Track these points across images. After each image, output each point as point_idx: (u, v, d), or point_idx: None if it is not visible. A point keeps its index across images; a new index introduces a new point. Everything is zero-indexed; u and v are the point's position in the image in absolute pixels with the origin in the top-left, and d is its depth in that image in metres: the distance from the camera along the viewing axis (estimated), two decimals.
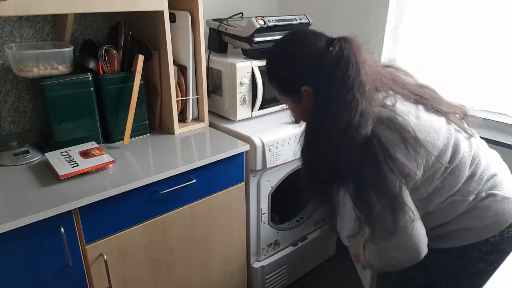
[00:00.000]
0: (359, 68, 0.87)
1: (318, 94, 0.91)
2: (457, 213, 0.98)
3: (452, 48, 1.63)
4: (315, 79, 0.91)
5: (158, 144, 1.51)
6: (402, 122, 0.89)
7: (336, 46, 0.89)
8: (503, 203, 0.96)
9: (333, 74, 0.87)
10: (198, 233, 1.48)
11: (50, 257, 1.13)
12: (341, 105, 0.86)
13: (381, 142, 0.86)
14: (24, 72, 1.30)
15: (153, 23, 1.47)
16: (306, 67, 0.92)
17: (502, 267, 0.82)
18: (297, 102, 0.97)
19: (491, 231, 0.97)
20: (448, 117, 0.98)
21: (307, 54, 0.92)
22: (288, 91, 0.99)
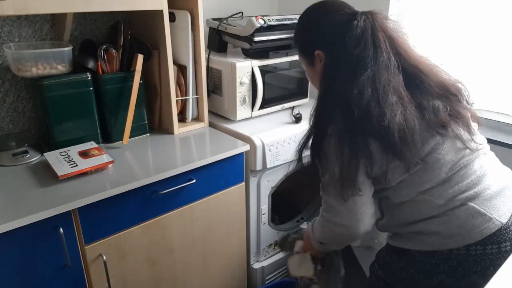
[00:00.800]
0: (379, 45, 0.91)
1: (328, 61, 0.96)
2: (426, 214, 0.96)
3: (453, 48, 1.63)
4: (330, 46, 0.96)
5: (157, 144, 1.51)
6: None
7: (359, 19, 0.93)
8: (475, 217, 0.91)
9: (348, 47, 0.91)
10: (198, 233, 1.47)
11: (49, 257, 1.12)
12: (346, 79, 0.91)
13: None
14: (23, 71, 1.30)
15: (152, 23, 1.47)
16: (325, 32, 0.97)
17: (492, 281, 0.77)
18: (310, 65, 1.04)
19: (454, 242, 0.93)
20: (442, 102, 0.96)
21: (330, 21, 0.97)
22: (304, 52, 1.05)
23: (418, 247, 0.98)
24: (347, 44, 0.92)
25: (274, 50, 1.66)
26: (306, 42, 1.04)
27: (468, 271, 0.93)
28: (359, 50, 0.90)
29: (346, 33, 0.92)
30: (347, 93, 0.91)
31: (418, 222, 0.97)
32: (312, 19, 1.02)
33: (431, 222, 0.95)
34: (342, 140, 0.93)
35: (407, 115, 0.90)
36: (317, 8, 1.03)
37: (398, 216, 1.01)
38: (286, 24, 1.63)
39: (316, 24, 1.00)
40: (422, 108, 0.94)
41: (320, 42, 0.99)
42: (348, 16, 0.95)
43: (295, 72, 1.78)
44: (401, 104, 0.90)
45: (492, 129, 1.57)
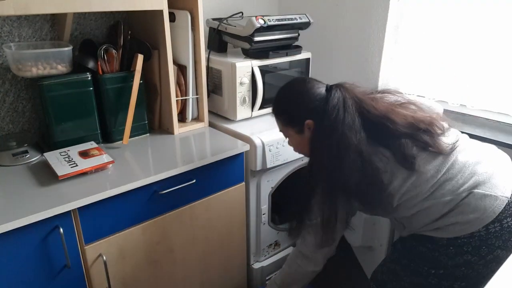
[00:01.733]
0: (347, 109, 1.06)
1: (316, 127, 1.11)
2: (439, 213, 1.06)
3: (453, 48, 1.63)
4: (317, 116, 1.09)
5: (157, 144, 1.51)
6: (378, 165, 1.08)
7: (332, 91, 1.09)
8: (483, 200, 1.03)
9: (329, 113, 1.06)
10: (198, 233, 1.47)
11: (49, 257, 1.12)
12: (336, 139, 1.05)
13: None
14: (23, 71, 1.30)
15: (152, 23, 1.47)
16: (309, 105, 1.12)
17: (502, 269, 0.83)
18: (299, 133, 1.16)
19: (474, 226, 1.03)
20: (410, 139, 1.08)
21: (312, 94, 1.12)
22: (293, 122, 1.17)
23: (442, 236, 1.07)
24: (326, 112, 1.07)
25: (274, 50, 1.66)
26: (296, 113, 1.16)
27: (492, 247, 1.03)
28: (334, 116, 1.06)
29: (326, 103, 1.08)
30: (322, 154, 1.09)
31: (435, 221, 1.07)
32: (298, 93, 1.16)
33: (447, 217, 1.05)
34: (323, 195, 1.11)
35: (365, 169, 1.04)
36: (300, 84, 1.19)
37: (416, 224, 1.12)
38: (286, 24, 1.63)
39: (304, 97, 1.13)
40: (390, 150, 1.07)
41: (309, 112, 1.12)
42: (325, 90, 1.12)
43: (295, 72, 1.78)
44: (360, 160, 1.04)
45: (492, 129, 1.57)
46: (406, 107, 1.15)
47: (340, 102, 1.07)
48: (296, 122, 1.16)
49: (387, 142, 1.08)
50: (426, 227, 1.10)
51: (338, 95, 1.08)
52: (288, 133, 1.22)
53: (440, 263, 1.09)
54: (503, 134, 1.54)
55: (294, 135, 1.19)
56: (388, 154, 1.07)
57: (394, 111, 1.10)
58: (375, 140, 1.08)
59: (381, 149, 1.07)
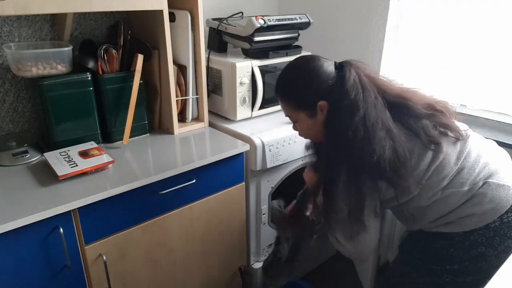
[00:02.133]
0: (366, 87, 1.01)
1: (333, 108, 1.03)
2: (456, 203, 1.05)
3: (453, 47, 1.63)
4: (331, 96, 1.03)
5: (157, 144, 1.51)
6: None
7: (345, 69, 1.03)
8: (498, 190, 1.03)
9: (346, 92, 1.00)
10: (198, 233, 1.47)
11: (49, 257, 1.12)
12: (361, 118, 0.99)
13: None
14: (23, 71, 1.30)
15: (152, 23, 1.47)
16: (322, 85, 1.04)
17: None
18: (311, 116, 1.08)
19: (490, 217, 1.03)
20: (432, 122, 1.05)
21: (322, 73, 1.05)
22: (303, 106, 1.09)
23: (456, 230, 1.06)
24: (344, 92, 1.01)
25: (274, 50, 1.66)
26: (306, 95, 1.07)
27: (504, 237, 1.04)
28: (353, 95, 1.00)
29: (341, 82, 1.02)
30: (346, 136, 1.00)
31: (453, 211, 1.06)
32: (307, 74, 1.07)
33: (464, 207, 1.04)
34: (347, 182, 1.02)
35: (396, 147, 0.99)
36: (306, 63, 1.09)
37: (432, 214, 1.09)
38: (286, 24, 1.63)
39: (313, 77, 1.05)
40: (414, 131, 1.03)
41: (321, 93, 1.04)
42: (334, 68, 1.07)
43: None
44: (389, 138, 0.99)
45: (492, 129, 1.57)
46: (418, 90, 1.12)
47: (357, 80, 1.01)
48: (307, 105, 1.07)
49: (408, 123, 1.03)
50: (439, 220, 1.08)
51: (353, 74, 1.02)
52: (297, 117, 1.13)
53: (455, 258, 1.08)
54: (503, 134, 1.54)
55: (304, 118, 1.10)
56: (413, 135, 1.03)
57: (409, 92, 1.07)
58: (397, 120, 1.03)
59: (405, 131, 1.03)
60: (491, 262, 1.06)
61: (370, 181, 1.02)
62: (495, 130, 1.57)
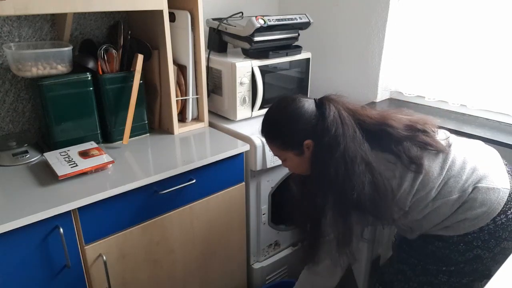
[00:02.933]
0: (345, 121, 1.05)
1: (317, 146, 1.08)
2: (449, 212, 1.07)
3: (453, 48, 1.63)
4: (315, 135, 1.07)
5: (157, 144, 1.51)
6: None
7: (325, 106, 1.07)
8: (488, 194, 1.05)
9: (327, 129, 1.04)
10: (198, 233, 1.47)
11: (49, 257, 1.12)
12: (341, 154, 1.02)
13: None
14: (23, 71, 1.30)
15: (152, 23, 1.47)
16: (306, 125, 1.08)
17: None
18: (299, 155, 1.12)
19: (482, 220, 1.05)
20: (412, 143, 1.08)
21: (304, 114, 1.09)
22: (290, 147, 1.13)
23: (452, 233, 1.09)
24: (325, 128, 1.04)
25: (274, 50, 1.66)
26: (292, 137, 1.11)
27: (499, 239, 1.06)
28: (334, 130, 1.03)
29: (322, 120, 1.06)
30: (329, 172, 1.04)
31: (446, 219, 1.08)
32: (291, 116, 1.11)
33: (457, 213, 1.07)
34: (334, 215, 1.08)
35: (376, 180, 1.02)
36: (289, 106, 1.12)
37: (426, 225, 1.12)
38: (286, 24, 1.63)
39: (298, 118, 1.09)
40: (395, 155, 1.06)
41: (306, 133, 1.08)
42: (315, 106, 1.10)
43: (295, 72, 1.78)
44: (368, 172, 1.02)
45: (492, 129, 1.57)
46: (397, 112, 1.15)
47: (336, 116, 1.05)
48: (294, 145, 1.12)
49: (389, 148, 1.07)
50: (436, 226, 1.10)
51: (333, 110, 1.06)
52: (285, 156, 1.17)
53: (451, 260, 1.10)
54: (503, 134, 1.54)
55: (293, 157, 1.15)
56: (393, 160, 1.06)
57: (389, 116, 1.10)
58: (377, 148, 1.07)
59: (386, 156, 1.07)
60: (488, 264, 1.08)
61: (357, 212, 1.07)
62: (495, 130, 1.57)
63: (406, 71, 1.81)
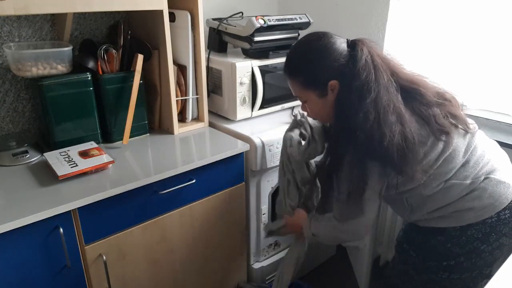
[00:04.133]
0: (379, 68, 0.99)
1: (344, 89, 1.00)
2: (457, 196, 1.04)
3: (453, 47, 1.63)
4: (343, 76, 1.00)
5: (157, 144, 1.51)
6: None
7: (357, 48, 1.00)
8: (498, 186, 1.04)
9: (358, 73, 0.97)
10: (198, 234, 1.47)
11: (49, 257, 1.12)
12: (373, 100, 0.96)
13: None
14: (23, 71, 1.30)
15: (152, 23, 1.47)
16: (334, 63, 1.01)
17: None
18: (321, 96, 1.05)
19: (487, 212, 1.04)
20: (442, 112, 1.05)
21: (334, 51, 1.01)
22: (313, 85, 1.05)
23: (454, 224, 1.06)
24: (356, 72, 0.98)
25: (274, 50, 1.66)
26: (317, 74, 1.04)
27: (499, 234, 1.05)
28: (365, 76, 0.97)
29: (353, 62, 0.99)
30: (356, 118, 0.97)
31: (452, 203, 1.05)
32: (319, 51, 1.03)
33: (464, 200, 1.04)
34: (352, 163, 1.00)
35: (406, 133, 0.96)
36: (318, 40, 1.04)
37: (431, 205, 1.08)
38: (286, 24, 1.63)
39: (325, 55, 1.01)
40: (425, 118, 1.01)
41: (333, 72, 1.01)
42: (346, 46, 1.03)
43: None
44: (400, 123, 0.96)
45: (492, 129, 1.57)
46: (426, 78, 1.10)
47: (369, 61, 0.98)
48: (317, 84, 1.04)
49: (420, 109, 1.01)
50: (438, 211, 1.07)
51: (366, 53, 0.99)
52: (307, 97, 1.09)
53: (451, 253, 1.08)
54: (503, 134, 1.54)
55: (314, 98, 1.07)
56: (423, 122, 1.01)
57: (419, 78, 1.05)
58: (408, 105, 1.01)
59: (416, 118, 1.01)
60: (486, 259, 1.07)
61: (377, 165, 0.99)
62: (495, 130, 1.57)
63: None
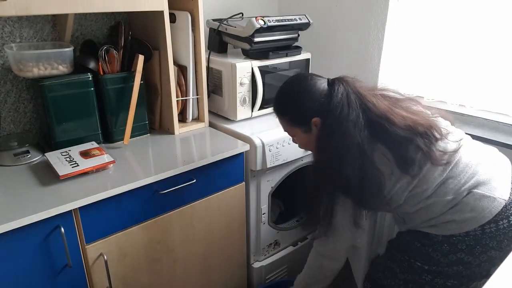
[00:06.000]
0: (351, 106, 1.05)
1: (323, 125, 1.09)
2: (439, 211, 1.07)
3: (453, 48, 1.63)
4: (323, 113, 1.08)
5: (158, 144, 1.51)
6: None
7: (335, 86, 1.08)
8: (482, 201, 1.04)
9: (333, 108, 1.05)
10: (198, 233, 1.48)
11: (50, 257, 1.13)
12: (339, 136, 1.04)
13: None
14: (24, 72, 1.30)
15: (153, 23, 1.48)
16: (315, 103, 1.10)
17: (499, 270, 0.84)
18: (307, 132, 1.15)
19: (469, 225, 1.04)
20: (412, 145, 1.07)
21: (315, 92, 1.10)
22: (299, 123, 1.15)
23: (436, 232, 1.09)
24: (331, 108, 1.06)
25: (274, 50, 1.67)
26: (300, 113, 1.14)
27: (485, 247, 1.04)
28: (338, 112, 1.05)
29: (329, 99, 1.07)
30: (324, 153, 1.09)
31: (435, 218, 1.08)
32: (301, 93, 1.13)
33: (446, 214, 1.06)
34: (323, 192, 1.13)
35: (366, 169, 1.04)
36: (302, 82, 1.16)
37: (416, 219, 1.13)
38: (286, 25, 1.63)
39: (307, 96, 1.11)
40: (391, 151, 1.06)
41: (314, 110, 1.10)
42: (327, 85, 1.11)
43: (295, 72, 1.79)
44: (361, 158, 1.03)
45: (492, 129, 1.57)
46: (406, 106, 1.14)
47: (344, 97, 1.06)
48: (302, 122, 1.14)
49: (388, 143, 1.06)
50: (424, 223, 1.11)
51: (342, 90, 1.07)
52: (294, 133, 1.20)
53: (433, 259, 1.09)
54: (502, 134, 1.54)
55: (301, 134, 1.18)
56: (390, 156, 1.06)
57: (393, 112, 1.08)
58: (378, 139, 1.06)
59: (383, 150, 1.06)
60: (473, 270, 1.07)
61: (343, 196, 1.10)
62: (494, 130, 1.57)
63: (405, 71, 1.81)
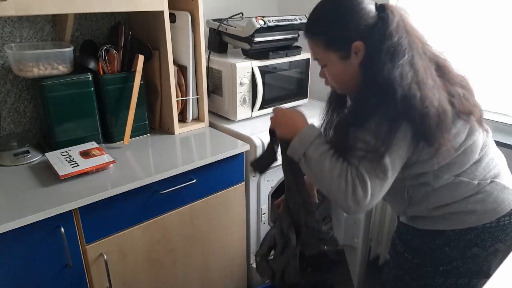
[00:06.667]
0: (413, 34, 0.94)
1: (372, 50, 0.92)
2: (462, 195, 1.01)
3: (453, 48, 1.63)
4: (369, 37, 0.92)
5: (158, 144, 1.51)
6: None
7: (387, 12, 0.93)
8: (503, 192, 1.02)
9: (391, 34, 0.91)
10: (198, 233, 1.48)
11: (50, 257, 1.13)
12: (387, 65, 0.89)
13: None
14: (24, 72, 1.30)
15: (153, 23, 1.48)
16: (360, 23, 0.93)
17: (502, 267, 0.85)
18: (344, 59, 0.97)
19: (489, 217, 1.01)
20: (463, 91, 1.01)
21: (361, 11, 0.93)
22: (336, 46, 0.97)
23: (453, 227, 1.03)
24: (387, 33, 0.91)
25: (274, 50, 1.67)
26: (342, 33, 0.95)
27: (495, 240, 1.03)
28: (397, 38, 0.90)
29: (383, 23, 0.92)
30: (391, 75, 0.88)
31: (455, 203, 1.02)
32: (344, 9, 0.95)
33: (467, 201, 1.01)
34: (382, 121, 0.90)
35: (441, 101, 0.91)
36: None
37: (435, 200, 1.03)
38: (286, 25, 1.63)
39: (351, 14, 0.94)
40: (451, 96, 0.95)
41: (359, 33, 0.93)
42: (375, 7, 0.95)
43: (295, 72, 1.79)
44: (436, 90, 0.91)
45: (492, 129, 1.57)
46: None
47: (401, 25, 0.92)
48: (341, 45, 0.95)
49: (445, 86, 0.96)
50: (439, 210, 1.03)
51: (397, 17, 0.93)
52: (327, 59, 1.00)
53: (448, 257, 1.06)
54: (502, 134, 1.54)
55: (336, 61, 0.98)
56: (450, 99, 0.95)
57: (443, 58, 1.02)
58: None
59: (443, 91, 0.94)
60: (481, 264, 1.05)
61: (410, 129, 0.90)
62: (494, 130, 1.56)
63: None
